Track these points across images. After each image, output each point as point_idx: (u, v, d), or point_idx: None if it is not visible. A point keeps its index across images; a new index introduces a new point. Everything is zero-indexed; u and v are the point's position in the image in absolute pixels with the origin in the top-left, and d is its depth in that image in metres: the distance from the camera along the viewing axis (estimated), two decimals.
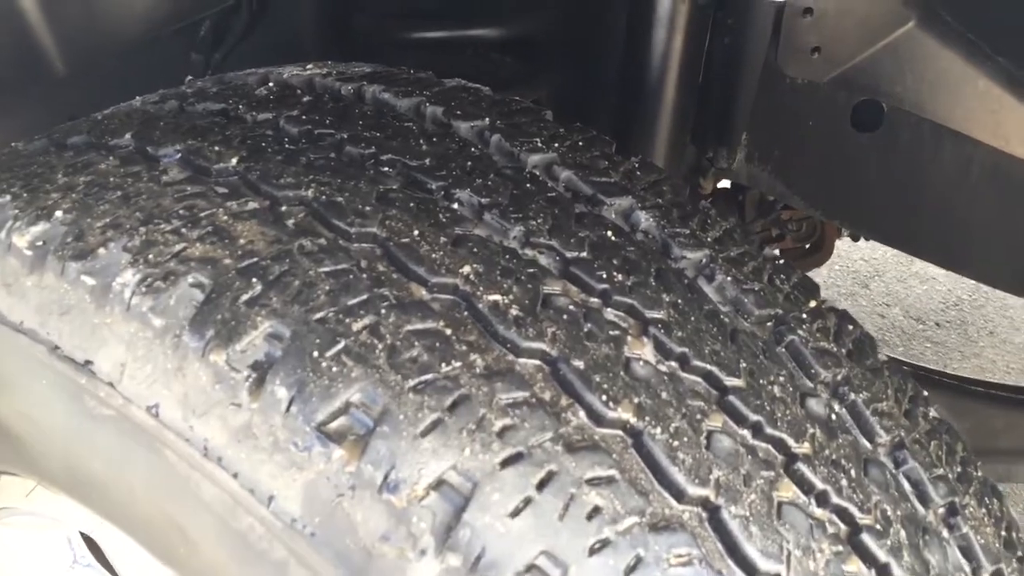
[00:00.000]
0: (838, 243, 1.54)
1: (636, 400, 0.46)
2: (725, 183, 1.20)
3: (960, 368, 1.72)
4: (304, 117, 0.59)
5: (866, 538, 0.47)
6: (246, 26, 0.94)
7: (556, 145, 0.60)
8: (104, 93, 0.94)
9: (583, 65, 0.93)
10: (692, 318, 0.52)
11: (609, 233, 0.55)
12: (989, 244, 0.98)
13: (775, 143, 1.01)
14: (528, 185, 0.56)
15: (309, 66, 0.68)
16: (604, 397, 0.45)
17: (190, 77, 1.02)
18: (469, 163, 0.57)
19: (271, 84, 0.65)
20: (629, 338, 0.49)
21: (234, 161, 0.54)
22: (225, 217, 0.49)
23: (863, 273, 1.86)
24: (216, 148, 0.55)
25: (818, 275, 1.59)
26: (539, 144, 0.59)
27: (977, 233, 0.98)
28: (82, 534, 0.72)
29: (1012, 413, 1.10)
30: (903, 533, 0.49)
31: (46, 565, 0.74)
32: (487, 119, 0.60)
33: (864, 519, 0.48)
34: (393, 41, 0.86)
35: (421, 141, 0.58)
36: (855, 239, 1.32)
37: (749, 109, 0.99)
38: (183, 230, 0.48)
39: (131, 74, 0.95)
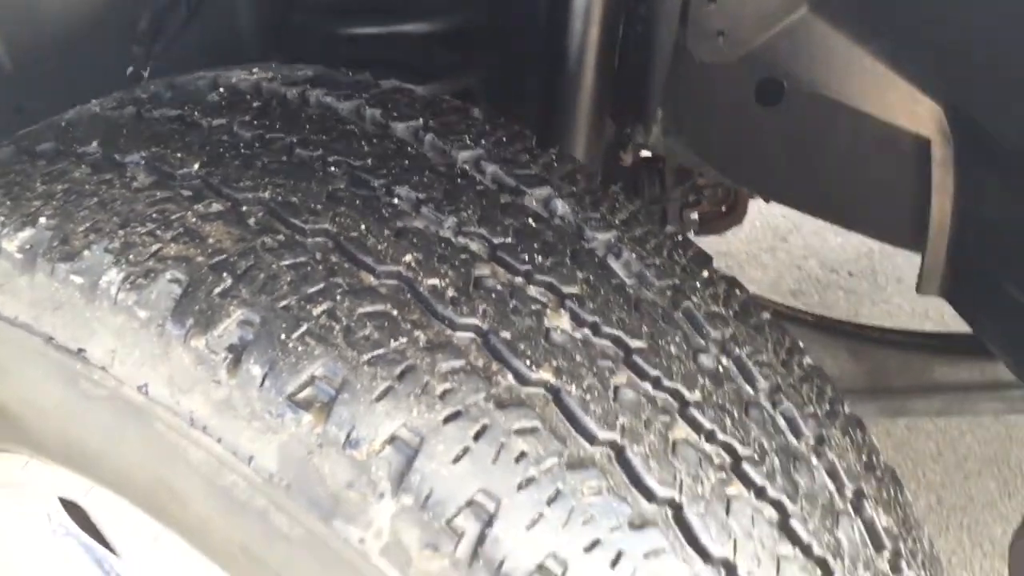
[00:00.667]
0: (759, 201, 1.65)
1: (555, 363, 0.55)
2: (647, 153, 1.29)
3: (870, 313, 1.86)
4: (255, 122, 0.66)
5: (746, 466, 0.57)
6: (185, 20, 0.99)
7: (483, 142, 0.68)
8: (49, 84, 0.98)
9: (510, 54, 1.00)
10: (602, 291, 0.61)
11: (530, 220, 0.63)
12: (880, 205, 1.09)
13: (687, 118, 1.11)
14: (459, 180, 0.64)
15: (255, 69, 0.74)
16: (528, 362, 0.54)
17: (131, 68, 1.06)
18: (406, 161, 0.64)
19: (221, 89, 0.71)
20: (548, 311, 0.58)
21: (196, 166, 0.61)
22: (194, 219, 0.56)
23: (782, 228, 1.99)
24: (178, 154, 0.62)
25: (740, 231, 1.71)
26: (468, 141, 0.67)
27: (870, 195, 1.09)
28: (63, 504, 0.78)
29: (905, 355, 1.23)
30: (777, 461, 0.59)
31: (29, 537, 0.80)
32: (421, 119, 0.68)
33: (744, 451, 0.58)
34: (329, 36, 0.92)
35: (363, 142, 0.65)
36: (767, 201, 1.43)
37: (662, 88, 1.07)
38: (157, 232, 0.55)
39: (74, 64, 0.99)
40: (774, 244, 1.96)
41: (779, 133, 1.08)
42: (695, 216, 1.32)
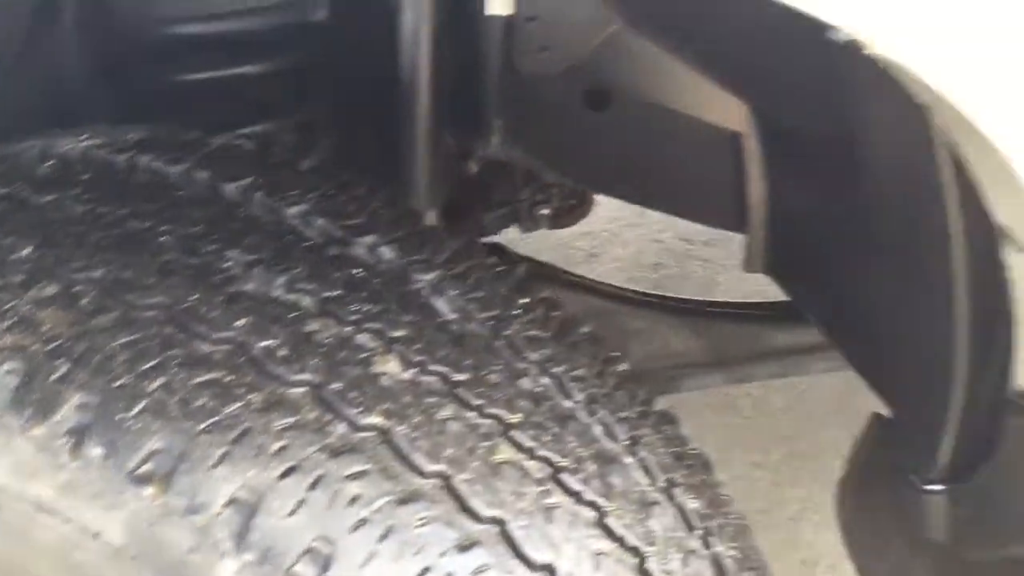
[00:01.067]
0: None
1: (384, 407, 0.61)
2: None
3: (726, 279, 1.99)
4: (86, 196, 0.68)
5: (564, 476, 0.65)
6: (10, 69, 0.98)
7: (310, 196, 0.72)
8: None
9: (348, 84, 1.04)
10: (427, 331, 0.67)
11: (358, 270, 0.68)
12: (704, 194, 1.19)
13: (524, 127, 1.17)
14: (288, 237, 0.69)
15: (83, 136, 0.76)
16: (359, 409, 0.60)
17: None
18: (236, 224, 0.68)
19: (51, 160, 0.73)
20: (377, 357, 0.63)
21: (28, 250, 0.63)
22: (27, 306, 0.59)
23: None
24: (11, 238, 0.64)
25: (601, 209, 1.79)
26: (296, 197, 0.72)
27: (695, 186, 1.19)
28: None
29: (741, 325, 1.35)
30: (594, 467, 0.67)
31: None
32: (249, 178, 0.72)
33: (563, 462, 0.65)
34: (162, 84, 0.94)
35: (193, 207, 0.69)
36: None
37: (496, 101, 1.14)
38: None
39: None
40: (634, 220, 2.07)
41: (609, 136, 1.16)
42: (546, 212, 1.40)
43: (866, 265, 0.98)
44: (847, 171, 0.93)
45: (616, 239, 2.02)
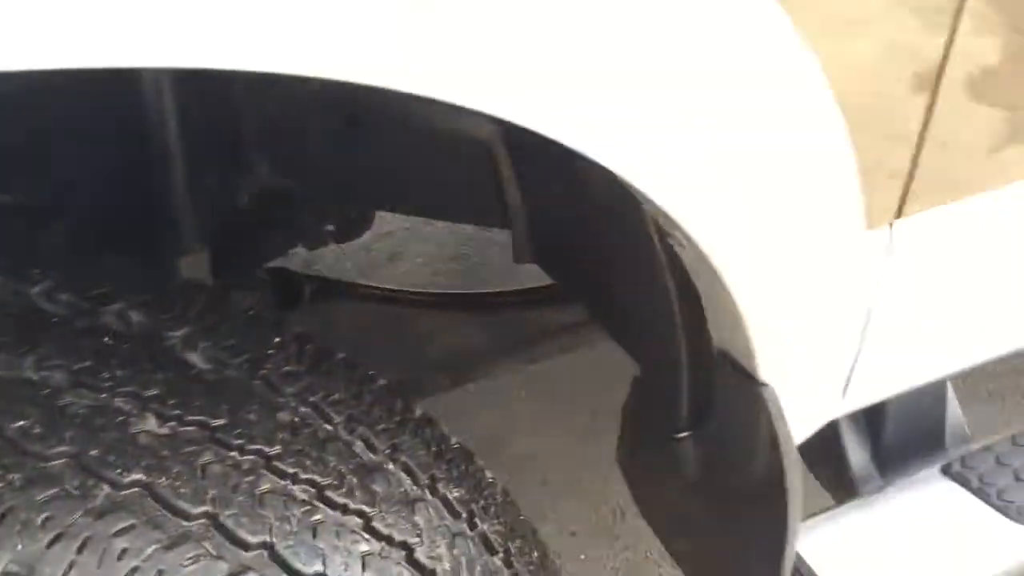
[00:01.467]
0: None
1: (144, 463, 0.66)
2: None
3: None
4: None
5: (328, 492, 0.72)
6: None
7: (52, 272, 0.76)
8: None
9: (97, 148, 1.06)
10: (182, 385, 0.72)
11: (107, 337, 0.73)
12: (468, 198, 1.29)
13: (285, 157, 1.23)
14: (33, 316, 0.72)
15: None
16: (119, 470, 0.65)
17: None
18: None
19: None
20: (133, 418, 0.69)
21: None
22: None
23: None
24: None
25: None
26: (37, 275, 0.75)
27: (458, 192, 1.29)
28: None
29: (522, 311, 1.48)
30: (355, 479, 0.75)
31: None
32: None
33: (324, 481, 0.73)
34: None
35: None
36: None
37: (253, 136, 1.19)
38: None
39: None
40: None
41: (370, 157, 1.24)
42: (329, 228, 1.46)
43: (604, 257, 1.11)
44: (574, 182, 1.05)
45: (416, 236, 2.11)
